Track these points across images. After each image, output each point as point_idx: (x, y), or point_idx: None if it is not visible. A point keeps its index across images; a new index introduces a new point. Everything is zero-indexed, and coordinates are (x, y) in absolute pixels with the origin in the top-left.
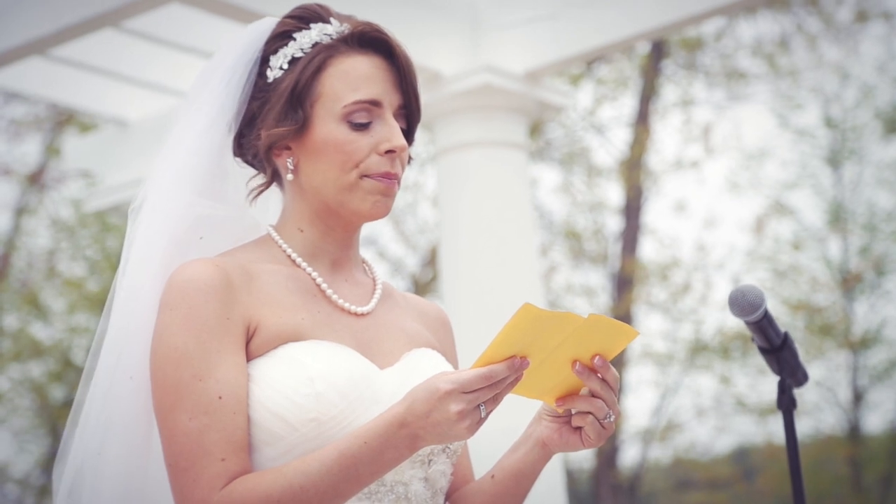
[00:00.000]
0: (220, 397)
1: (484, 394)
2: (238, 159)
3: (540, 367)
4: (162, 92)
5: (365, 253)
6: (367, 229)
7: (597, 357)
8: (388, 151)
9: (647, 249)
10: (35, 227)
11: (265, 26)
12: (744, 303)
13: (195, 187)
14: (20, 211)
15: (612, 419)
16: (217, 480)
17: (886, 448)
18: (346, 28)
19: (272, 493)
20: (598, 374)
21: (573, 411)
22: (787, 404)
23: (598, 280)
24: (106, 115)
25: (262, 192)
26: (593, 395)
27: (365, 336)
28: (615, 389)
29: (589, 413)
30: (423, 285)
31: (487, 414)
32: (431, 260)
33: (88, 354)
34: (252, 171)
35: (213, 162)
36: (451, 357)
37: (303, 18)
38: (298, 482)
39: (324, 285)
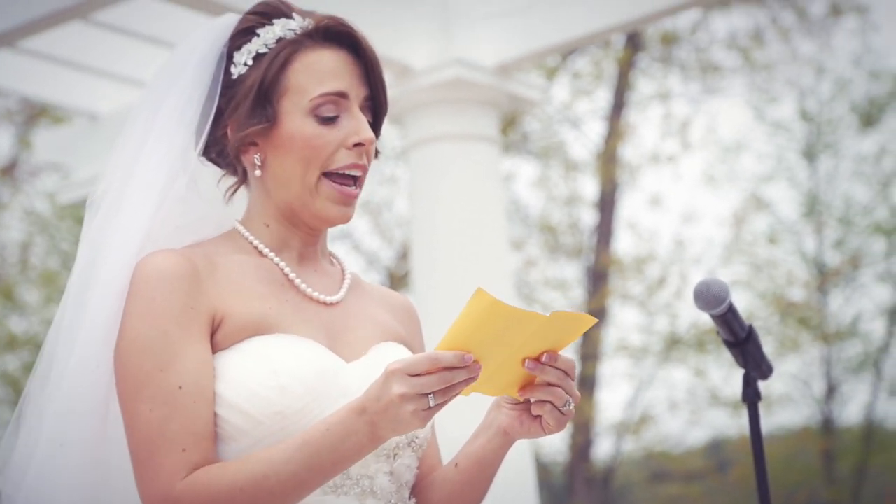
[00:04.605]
0: (180, 387)
1: (431, 382)
2: (202, 157)
3: (501, 367)
4: (132, 85)
5: (340, 246)
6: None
7: (545, 354)
8: (357, 144)
9: (623, 243)
10: (9, 221)
11: (227, 22)
12: (709, 296)
13: (168, 184)
14: None
15: (571, 406)
16: (178, 470)
17: (859, 440)
18: (309, 23)
19: (236, 481)
20: (552, 365)
21: (532, 400)
22: (751, 397)
23: (573, 274)
24: (77, 108)
25: (235, 190)
26: (550, 385)
27: (335, 326)
28: (572, 376)
29: (548, 402)
30: (399, 279)
31: (438, 406)
32: (406, 254)
33: (45, 345)
34: (219, 170)
35: (180, 161)
36: (419, 347)
37: (265, 14)
38: (261, 470)
39: (292, 275)
